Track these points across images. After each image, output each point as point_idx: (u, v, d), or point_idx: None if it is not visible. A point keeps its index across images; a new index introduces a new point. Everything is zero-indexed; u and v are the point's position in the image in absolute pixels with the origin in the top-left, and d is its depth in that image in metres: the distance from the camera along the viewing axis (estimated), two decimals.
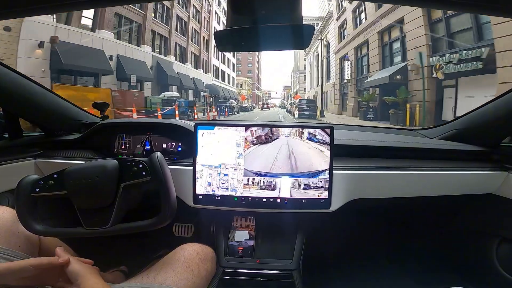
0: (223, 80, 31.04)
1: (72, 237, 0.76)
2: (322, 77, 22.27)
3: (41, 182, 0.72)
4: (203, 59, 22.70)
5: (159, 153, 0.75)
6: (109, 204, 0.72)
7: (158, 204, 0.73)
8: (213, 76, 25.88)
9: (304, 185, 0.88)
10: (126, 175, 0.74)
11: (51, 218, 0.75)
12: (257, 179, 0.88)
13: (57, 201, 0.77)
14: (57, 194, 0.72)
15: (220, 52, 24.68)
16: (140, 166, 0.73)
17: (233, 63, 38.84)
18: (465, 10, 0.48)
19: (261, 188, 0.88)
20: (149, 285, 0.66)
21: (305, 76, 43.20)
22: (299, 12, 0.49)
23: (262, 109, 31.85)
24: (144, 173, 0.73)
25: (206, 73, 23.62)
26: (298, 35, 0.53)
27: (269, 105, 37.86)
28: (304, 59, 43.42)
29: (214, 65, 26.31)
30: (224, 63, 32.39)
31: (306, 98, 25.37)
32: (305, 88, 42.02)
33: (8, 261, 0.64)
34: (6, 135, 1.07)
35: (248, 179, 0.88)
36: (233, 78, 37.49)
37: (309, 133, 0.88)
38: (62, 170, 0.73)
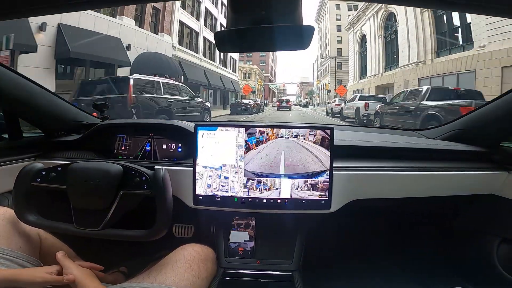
0: (210, 58, 17.50)
1: (60, 232, 0.76)
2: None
3: (44, 173, 0.73)
4: None
5: (164, 169, 0.74)
6: (105, 208, 0.72)
7: (152, 213, 0.73)
8: (178, 43, 13.11)
9: (304, 186, 0.88)
10: (127, 183, 0.73)
11: (44, 210, 0.75)
12: (257, 180, 0.88)
13: (54, 195, 0.77)
14: (56, 187, 0.73)
15: (199, 9, 15.50)
16: (143, 178, 0.73)
17: None
18: (465, 10, 0.48)
19: (261, 189, 0.88)
20: (149, 285, 0.66)
21: (338, 63, 29.87)
22: (299, 12, 0.49)
23: (278, 109, 20.42)
24: (145, 186, 0.73)
25: (156, 33, 11.59)
26: (298, 36, 0.54)
27: (290, 103, 22.55)
28: (338, 41, 29.68)
29: (183, 23, 13.64)
30: (211, 29, 16.99)
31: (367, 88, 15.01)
32: (340, 80, 27.33)
33: (8, 261, 0.64)
34: (6, 136, 1.07)
35: (248, 180, 0.88)
36: (233, 60, 23.89)
37: (309, 134, 0.88)
38: (67, 164, 0.74)
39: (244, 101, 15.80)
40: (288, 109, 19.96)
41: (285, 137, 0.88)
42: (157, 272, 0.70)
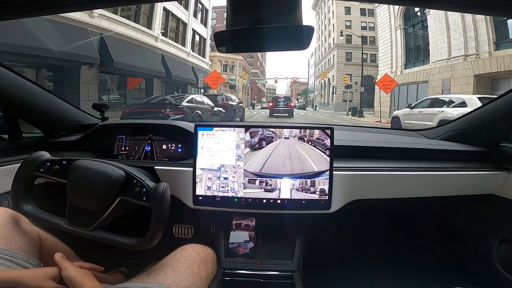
0: (138, 20, 10.23)
1: (51, 226, 0.76)
2: None
3: (48, 164, 0.73)
4: None
5: (165, 185, 0.73)
6: (99, 210, 0.72)
7: (145, 221, 0.72)
8: None
9: (304, 186, 0.88)
10: (127, 191, 0.73)
11: (40, 202, 0.75)
12: (257, 180, 0.88)
13: (53, 188, 0.77)
14: (56, 180, 0.73)
15: None
16: (144, 190, 0.72)
17: (206, 10, 15.73)
18: (465, 10, 0.48)
19: (261, 189, 0.88)
20: (149, 285, 0.66)
21: (349, 54, 24.47)
22: (299, 12, 0.49)
23: (271, 114, 13.33)
24: (144, 198, 0.72)
25: None
26: (298, 36, 0.54)
27: (292, 104, 14.60)
28: (347, 26, 23.56)
29: None
30: None
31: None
32: (350, 75, 21.50)
33: (8, 262, 0.64)
34: (6, 136, 1.07)
35: (248, 181, 0.88)
36: (202, 38, 14.83)
37: (309, 134, 0.88)
38: (72, 160, 0.74)
39: (187, 100, 6.78)
40: (287, 115, 13.08)
41: (285, 138, 0.88)
42: (157, 272, 0.70)
